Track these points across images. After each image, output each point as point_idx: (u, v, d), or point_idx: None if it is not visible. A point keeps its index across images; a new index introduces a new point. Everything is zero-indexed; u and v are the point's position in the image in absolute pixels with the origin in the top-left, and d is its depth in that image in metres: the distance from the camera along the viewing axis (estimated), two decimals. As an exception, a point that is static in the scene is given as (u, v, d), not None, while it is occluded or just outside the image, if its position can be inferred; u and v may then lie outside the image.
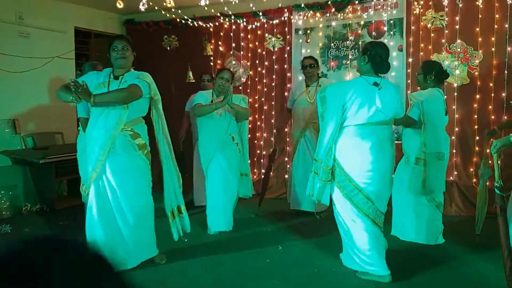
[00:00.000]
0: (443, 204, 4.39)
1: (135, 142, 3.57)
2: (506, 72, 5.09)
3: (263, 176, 6.24)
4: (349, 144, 3.43)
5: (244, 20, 6.51)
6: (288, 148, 6.34)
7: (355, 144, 3.41)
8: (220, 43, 6.77)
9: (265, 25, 6.45)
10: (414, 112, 4.13)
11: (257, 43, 6.55)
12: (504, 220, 2.82)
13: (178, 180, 3.85)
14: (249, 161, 5.26)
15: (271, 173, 5.91)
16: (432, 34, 5.45)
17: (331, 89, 3.54)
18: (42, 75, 6.24)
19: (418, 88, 4.53)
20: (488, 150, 3.35)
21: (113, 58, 3.59)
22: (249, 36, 6.59)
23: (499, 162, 3.03)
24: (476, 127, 5.25)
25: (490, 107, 5.20)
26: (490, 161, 4.27)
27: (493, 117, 5.16)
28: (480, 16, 5.19)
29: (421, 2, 5.45)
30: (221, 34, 6.74)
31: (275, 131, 6.40)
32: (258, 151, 6.60)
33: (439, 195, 4.29)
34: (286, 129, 6.08)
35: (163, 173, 3.80)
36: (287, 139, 6.27)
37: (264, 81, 6.53)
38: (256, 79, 6.59)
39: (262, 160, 6.58)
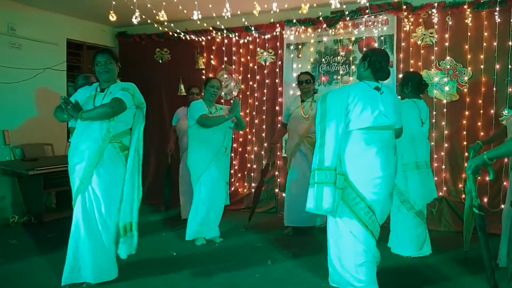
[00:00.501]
0: (424, 213, 4.42)
1: (123, 155, 3.56)
2: (495, 89, 5.15)
3: (253, 190, 6.25)
4: (353, 150, 3.33)
5: (236, 34, 6.55)
6: (279, 162, 6.34)
7: (360, 149, 3.32)
8: (212, 56, 6.80)
9: (257, 40, 6.49)
10: None
11: (249, 57, 6.58)
12: (485, 239, 2.83)
13: (138, 196, 3.67)
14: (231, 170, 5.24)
15: (263, 188, 5.90)
16: (422, 51, 5.51)
17: (332, 94, 3.45)
18: (33, 87, 6.23)
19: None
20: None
21: (97, 72, 3.62)
22: (241, 50, 6.62)
23: (476, 181, 3.03)
24: (465, 143, 5.28)
25: (479, 123, 5.25)
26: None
27: (482, 133, 5.21)
28: (469, 33, 5.27)
29: (411, 19, 5.52)
30: (213, 48, 6.78)
31: (266, 145, 6.41)
32: (249, 165, 6.59)
33: (419, 203, 4.31)
34: (278, 144, 6.05)
35: (124, 185, 3.60)
36: (278, 153, 6.28)
37: (256, 95, 6.55)
38: (248, 93, 6.61)
39: (252, 174, 6.57)
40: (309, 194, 3.35)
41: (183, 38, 6.76)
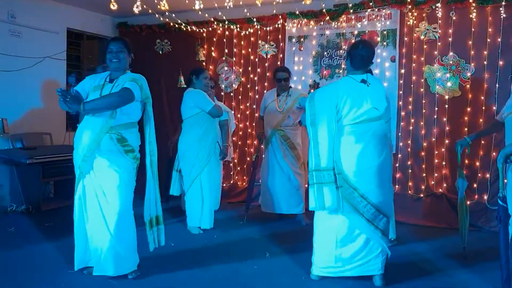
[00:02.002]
0: None
1: (121, 146, 3.46)
2: (497, 85, 5.12)
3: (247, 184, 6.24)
4: (346, 144, 3.38)
5: (238, 26, 6.50)
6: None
7: (352, 143, 3.37)
8: (212, 48, 6.76)
9: (259, 32, 6.45)
10: None
11: (250, 50, 6.54)
12: (504, 230, 2.79)
13: (158, 189, 3.70)
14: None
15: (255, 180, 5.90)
16: (425, 46, 5.47)
17: (320, 93, 3.50)
18: (33, 75, 6.18)
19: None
20: (465, 160, 3.27)
21: (108, 60, 3.56)
22: (242, 42, 6.58)
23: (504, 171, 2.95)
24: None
25: (481, 120, 5.21)
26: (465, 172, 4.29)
27: (483, 130, 5.18)
28: (473, 29, 5.22)
29: (415, 14, 5.47)
30: (214, 39, 6.73)
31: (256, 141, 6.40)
32: (248, 158, 6.56)
33: None
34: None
35: (146, 180, 3.64)
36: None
37: (256, 88, 6.52)
38: (248, 86, 6.58)
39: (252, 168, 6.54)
40: (310, 195, 3.40)
41: (184, 29, 6.71)
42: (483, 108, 5.21)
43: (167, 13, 6.15)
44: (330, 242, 3.47)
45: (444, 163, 5.42)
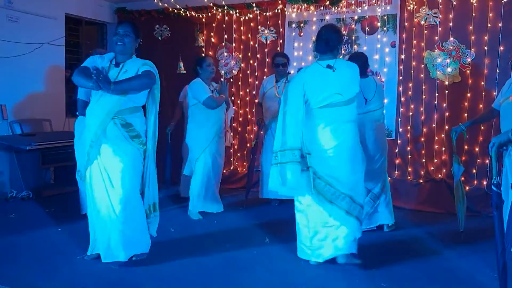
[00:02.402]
0: None
1: (126, 132, 3.45)
2: (498, 71, 5.09)
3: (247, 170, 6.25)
4: (311, 128, 3.47)
5: (237, 11, 6.46)
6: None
7: (318, 125, 3.46)
8: (212, 34, 6.72)
9: (258, 17, 6.40)
10: None
11: (249, 35, 6.50)
12: (499, 217, 2.81)
13: (156, 177, 3.71)
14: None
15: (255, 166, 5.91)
16: (425, 31, 5.44)
17: (291, 83, 3.62)
18: (32, 61, 6.14)
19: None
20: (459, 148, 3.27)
21: (113, 42, 3.54)
22: (241, 28, 6.53)
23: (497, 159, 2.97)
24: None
25: (481, 106, 5.20)
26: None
27: (483, 116, 5.17)
28: (473, 14, 5.19)
29: (415, -1, 5.44)
30: (213, 25, 6.69)
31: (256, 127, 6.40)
32: (248, 144, 6.55)
33: None
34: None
35: (145, 168, 3.62)
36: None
37: (256, 74, 6.49)
38: (248, 71, 6.55)
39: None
40: (272, 175, 3.48)
41: (183, 14, 6.67)
42: (483, 94, 5.19)
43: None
44: (304, 227, 3.60)
45: (443, 148, 5.42)
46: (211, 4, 6.46)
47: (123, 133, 3.45)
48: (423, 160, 5.52)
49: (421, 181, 5.53)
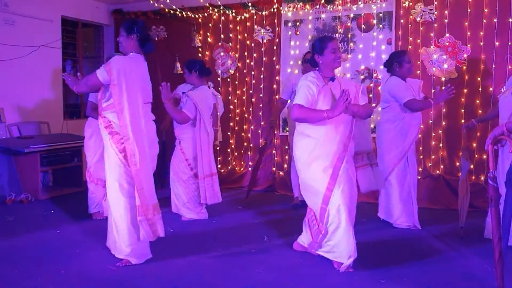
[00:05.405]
0: None
1: (106, 130, 3.45)
2: (494, 66, 5.11)
3: (251, 169, 6.25)
4: None
5: (233, 11, 6.47)
6: (276, 141, 6.31)
7: None
8: (208, 34, 6.72)
9: (254, 17, 6.41)
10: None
11: (246, 35, 6.51)
12: (496, 211, 2.81)
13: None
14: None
15: (260, 166, 5.91)
16: (421, 28, 5.45)
17: None
18: (28, 64, 6.16)
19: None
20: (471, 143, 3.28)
21: None
22: (238, 28, 6.54)
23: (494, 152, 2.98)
24: (463, 121, 5.25)
25: (478, 101, 5.22)
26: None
27: (480, 111, 5.18)
28: (469, 10, 5.20)
29: (411, -4, 5.45)
30: (210, 25, 6.69)
31: (262, 124, 6.37)
32: (245, 144, 6.56)
33: None
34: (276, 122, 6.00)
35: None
36: (276, 132, 6.22)
37: (253, 73, 6.50)
38: (245, 71, 6.56)
39: (249, 153, 6.55)
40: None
41: (180, 15, 6.68)
42: (480, 89, 5.21)
43: (161, -1, 6.12)
44: None
45: (441, 145, 5.43)
46: (207, 4, 6.47)
47: (105, 131, 3.53)
48: (421, 157, 5.52)
49: (419, 177, 5.52)
